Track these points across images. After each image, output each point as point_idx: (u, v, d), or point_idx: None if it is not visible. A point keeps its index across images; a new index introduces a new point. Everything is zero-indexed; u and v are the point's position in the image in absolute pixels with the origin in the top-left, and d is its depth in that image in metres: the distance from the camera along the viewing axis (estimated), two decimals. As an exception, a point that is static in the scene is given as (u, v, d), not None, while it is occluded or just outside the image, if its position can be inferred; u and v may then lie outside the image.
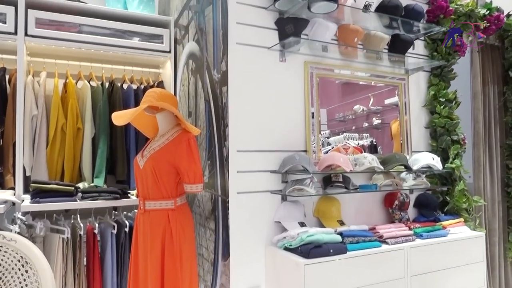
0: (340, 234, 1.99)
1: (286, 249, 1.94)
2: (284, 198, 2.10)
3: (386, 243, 2.08)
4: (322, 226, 2.15)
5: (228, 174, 1.98)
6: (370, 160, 2.16)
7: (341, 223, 2.17)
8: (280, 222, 2.06)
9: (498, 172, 3.12)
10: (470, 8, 2.77)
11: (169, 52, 2.77)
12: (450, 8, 2.65)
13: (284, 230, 2.03)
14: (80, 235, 2.28)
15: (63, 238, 2.18)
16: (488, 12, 2.88)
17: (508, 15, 3.05)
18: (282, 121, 2.16)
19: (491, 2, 2.94)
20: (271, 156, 2.11)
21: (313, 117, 2.24)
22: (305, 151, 2.21)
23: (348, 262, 1.89)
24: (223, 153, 2.05)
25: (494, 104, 3.14)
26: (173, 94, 2.77)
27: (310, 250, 1.79)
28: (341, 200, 2.26)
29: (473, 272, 2.32)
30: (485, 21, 2.86)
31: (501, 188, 3.13)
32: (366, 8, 2.27)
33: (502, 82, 3.20)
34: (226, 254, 1.99)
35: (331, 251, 1.84)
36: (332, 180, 2.17)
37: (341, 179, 2.17)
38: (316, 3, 2.07)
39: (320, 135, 2.27)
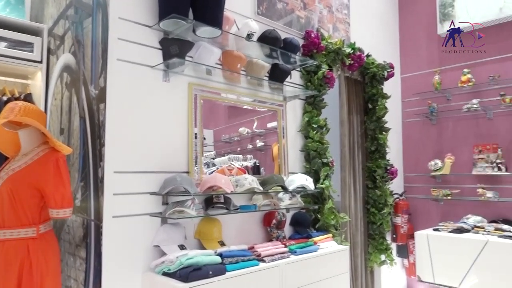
0: (220, 255, 2.00)
1: (164, 274, 1.88)
2: (164, 221, 2.05)
3: (264, 261, 2.16)
4: (203, 248, 2.14)
5: (103, 197, 1.86)
6: (250, 181, 2.25)
7: (222, 243, 2.19)
8: (159, 246, 1.99)
9: (360, 191, 3.54)
10: (338, 46, 3.14)
11: (41, 62, 2.51)
12: (322, 45, 2.97)
13: (164, 254, 1.96)
14: None
15: None
16: (352, 51, 3.31)
17: (367, 56, 3.54)
18: (164, 141, 2.12)
19: (354, 43, 3.38)
20: (151, 177, 2.04)
21: (196, 138, 2.26)
22: (188, 172, 2.20)
23: (227, 283, 1.91)
24: (98, 174, 1.92)
25: (357, 131, 3.58)
26: (44, 108, 2.51)
27: (189, 273, 1.77)
28: (222, 221, 2.29)
29: (339, 283, 2.56)
30: (350, 59, 3.28)
31: (362, 205, 3.55)
32: (249, 37, 2.40)
33: (363, 112, 3.68)
34: (98, 284, 1.84)
35: (211, 273, 1.84)
36: (213, 201, 2.20)
37: (222, 200, 2.21)
38: (201, 28, 2.12)
39: (203, 156, 2.29)
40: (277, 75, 2.66)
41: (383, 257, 3.54)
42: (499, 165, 3.41)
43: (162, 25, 2.06)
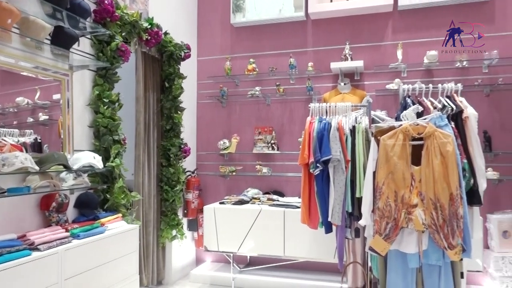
0: (-23, 249, 1.66)
1: None
2: None
3: (38, 249, 1.91)
4: (-48, 242, 1.72)
5: None
6: (23, 159, 1.94)
7: (-19, 235, 1.82)
8: None
9: (155, 169, 3.55)
10: (134, 19, 3.00)
11: None
12: (116, 14, 2.77)
13: None
14: None
15: None
16: (150, 26, 3.22)
17: (165, 33, 3.52)
18: None
19: (152, 18, 3.30)
20: None
21: None
22: None
23: (-13, 281, 1.61)
24: None
25: (153, 109, 3.55)
26: None
27: None
28: (-17, 208, 1.90)
29: (128, 263, 2.52)
30: (147, 34, 3.19)
31: (156, 184, 3.58)
32: (23, -12, 2.02)
33: (160, 90, 3.67)
34: None
35: (-40, 272, 1.51)
36: (-31, 184, 1.79)
37: (-18, 183, 1.82)
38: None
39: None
40: (62, 39, 2.35)
41: (174, 232, 3.68)
42: (273, 145, 4.01)
43: None
